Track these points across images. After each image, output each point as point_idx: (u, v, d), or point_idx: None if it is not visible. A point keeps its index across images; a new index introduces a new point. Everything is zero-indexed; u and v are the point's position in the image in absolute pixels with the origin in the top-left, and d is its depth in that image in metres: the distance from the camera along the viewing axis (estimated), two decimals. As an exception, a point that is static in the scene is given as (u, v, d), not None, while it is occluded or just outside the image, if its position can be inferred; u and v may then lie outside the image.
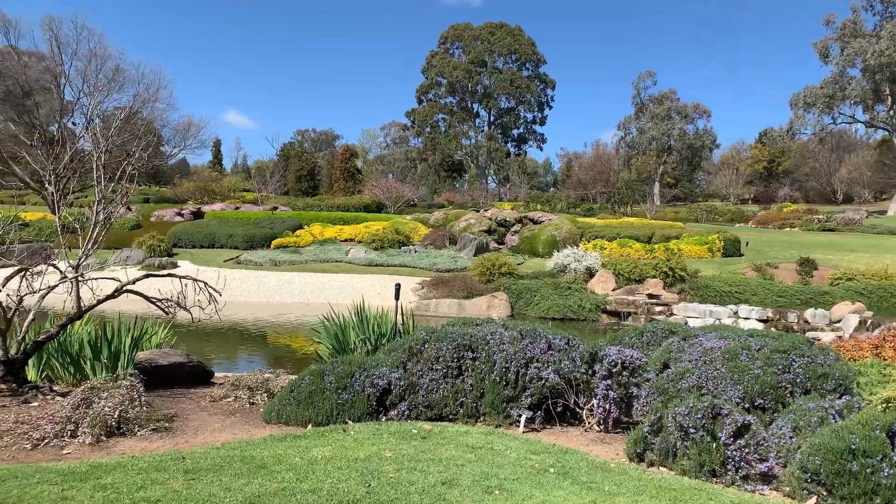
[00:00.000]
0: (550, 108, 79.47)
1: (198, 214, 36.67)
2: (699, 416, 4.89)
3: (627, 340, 7.94)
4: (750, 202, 66.62)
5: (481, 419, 6.03)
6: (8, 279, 7.05)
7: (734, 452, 4.73)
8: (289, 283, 23.31)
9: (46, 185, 41.04)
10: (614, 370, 6.02)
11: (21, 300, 6.95)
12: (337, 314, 8.69)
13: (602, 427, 6.08)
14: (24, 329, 7.01)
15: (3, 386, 6.67)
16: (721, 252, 24.76)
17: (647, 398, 6.08)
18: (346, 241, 30.53)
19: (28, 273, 7.22)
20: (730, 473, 4.71)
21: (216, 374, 7.93)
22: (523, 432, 5.82)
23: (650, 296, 18.86)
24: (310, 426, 5.58)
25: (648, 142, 74.04)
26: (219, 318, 7.59)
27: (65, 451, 4.78)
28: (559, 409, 6.22)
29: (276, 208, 39.93)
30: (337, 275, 24.10)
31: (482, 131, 76.65)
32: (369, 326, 8.33)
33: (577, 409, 6.24)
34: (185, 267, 24.18)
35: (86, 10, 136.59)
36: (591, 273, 20.73)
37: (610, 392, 5.98)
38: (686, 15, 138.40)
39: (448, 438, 5.30)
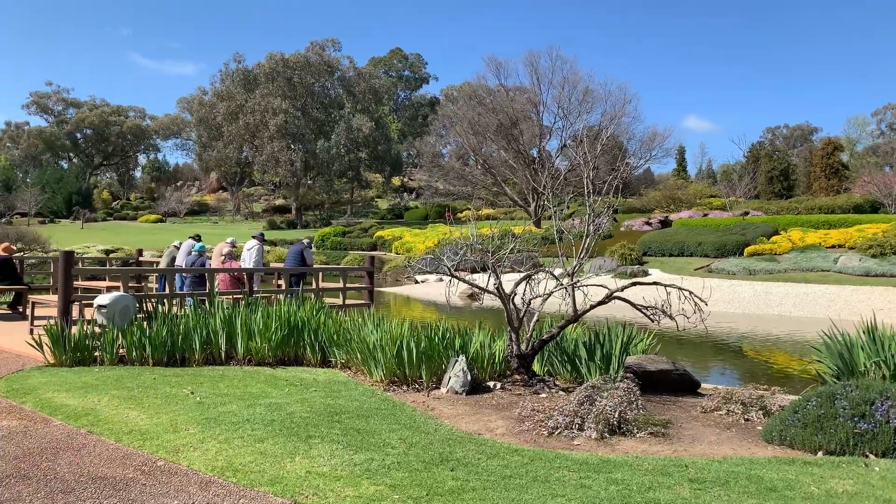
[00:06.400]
0: None
1: (665, 223, 37.16)
2: None
3: None
4: None
5: None
6: (517, 284, 8.18)
7: None
8: (766, 294, 21.72)
9: (530, 202, 47.18)
10: None
11: (529, 303, 7.97)
12: (840, 331, 7.62)
13: None
14: (530, 328, 8.01)
15: (517, 377, 7.76)
16: None
17: None
18: (832, 247, 27.00)
19: (530, 279, 8.26)
20: None
21: (703, 385, 7.77)
22: None
23: None
24: (819, 453, 4.97)
25: None
26: (704, 327, 7.43)
27: (575, 442, 5.25)
28: None
29: (746, 213, 37.77)
30: (823, 285, 21.46)
31: None
32: (886, 347, 7.06)
33: None
34: (655, 275, 24.67)
35: (559, 41, 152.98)
36: None
37: None
38: None
39: None
